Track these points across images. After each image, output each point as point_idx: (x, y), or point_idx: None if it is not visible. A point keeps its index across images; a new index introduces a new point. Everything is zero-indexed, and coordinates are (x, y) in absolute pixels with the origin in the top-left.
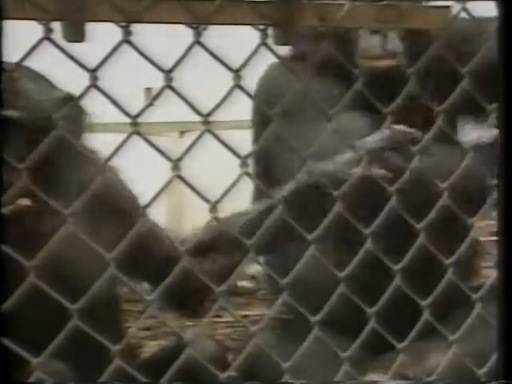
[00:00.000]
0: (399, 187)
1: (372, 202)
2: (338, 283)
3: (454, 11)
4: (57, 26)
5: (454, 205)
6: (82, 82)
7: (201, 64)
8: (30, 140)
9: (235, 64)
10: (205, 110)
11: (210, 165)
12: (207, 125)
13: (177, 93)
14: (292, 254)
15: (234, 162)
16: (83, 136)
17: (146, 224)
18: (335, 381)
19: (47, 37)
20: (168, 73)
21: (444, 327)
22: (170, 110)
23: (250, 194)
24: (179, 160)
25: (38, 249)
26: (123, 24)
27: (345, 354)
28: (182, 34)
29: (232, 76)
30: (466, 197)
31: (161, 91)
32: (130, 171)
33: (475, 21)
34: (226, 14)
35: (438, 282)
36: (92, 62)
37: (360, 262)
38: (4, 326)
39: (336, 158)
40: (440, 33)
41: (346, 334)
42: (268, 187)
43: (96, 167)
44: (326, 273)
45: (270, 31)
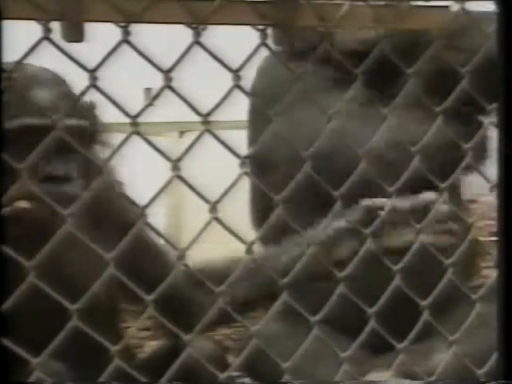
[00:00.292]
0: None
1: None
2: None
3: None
4: (56, 26)
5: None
6: (81, 82)
7: (200, 64)
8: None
9: (235, 64)
10: (204, 110)
11: (209, 165)
12: (207, 125)
13: (176, 93)
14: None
15: (234, 162)
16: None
17: (145, 236)
18: (335, 381)
19: (46, 37)
20: (167, 73)
21: (444, 327)
22: (170, 110)
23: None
24: (179, 160)
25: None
26: (122, 24)
27: (345, 354)
28: (182, 34)
29: (231, 76)
30: None
31: (160, 91)
32: (130, 171)
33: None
34: (225, 14)
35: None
36: (92, 63)
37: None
38: (4, 326)
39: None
40: (439, 32)
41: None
42: (266, 186)
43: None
44: None
45: (270, 31)
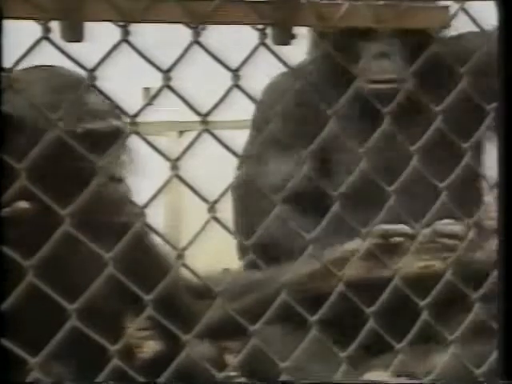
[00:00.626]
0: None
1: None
2: None
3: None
4: (55, 25)
5: None
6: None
7: (200, 64)
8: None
9: (234, 64)
10: (203, 109)
11: (209, 164)
12: (206, 124)
13: (175, 92)
14: None
15: (234, 161)
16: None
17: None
18: (335, 381)
19: (45, 36)
20: (166, 72)
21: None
22: (170, 110)
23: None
24: (177, 160)
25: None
26: (122, 24)
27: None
28: (181, 34)
29: (231, 76)
30: None
31: (159, 91)
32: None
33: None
34: (224, 14)
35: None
36: (91, 62)
37: None
38: (3, 326)
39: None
40: (439, 32)
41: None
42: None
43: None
44: None
45: (269, 31)
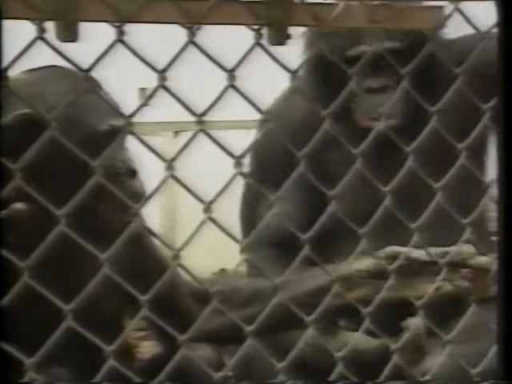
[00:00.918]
0: None
1: None
2: None
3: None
4: (50, 25)
5: None
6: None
7: (196, 64)
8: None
9: (229, 64)
10: (199, 109)
11: (205, 164)
12: (201, 125)
13: (170, 92)
14: None
15: (230, 161)
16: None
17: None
18: (331, 381)
19: (40, 36)
20: (162, 72)
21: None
22: (166, 110)
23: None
24: (173, 160)
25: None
26: (117, 24)
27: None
28: (176, 34)
29: (226, 76)
30: None
31: (154, 91)
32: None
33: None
34: (220, 14)
35: None
36: (87, 63)
37: None
38: (2, 326)
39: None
40: (433, 32)
41: None
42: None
43: None
44: None
45: (265, 31)
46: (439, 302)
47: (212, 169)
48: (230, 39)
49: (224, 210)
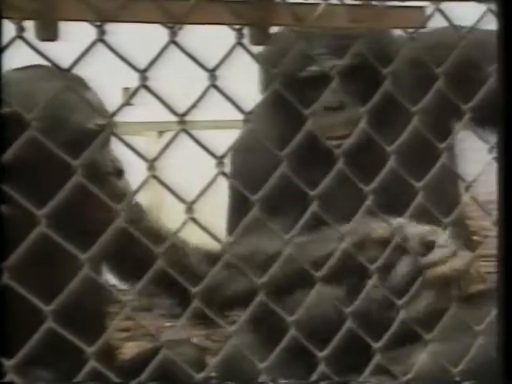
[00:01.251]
0: None
1: None
2: None
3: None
4: (30, 24)
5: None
6: None
7: (179, 63)
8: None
9: (211, 64)
10: (181, 109)
11: (187, 164)
12: (183, 124)
13: (152, 92)
14: None
15: (212, 161)
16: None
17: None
18: (315, 380)
19: (20, 35)
20: (143, 72)
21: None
22: (149, 110)
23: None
24: (155, 160)
25: None
26: (97, 23)
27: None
28: (158, 34)
29: (207, 76)
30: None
31: (136, 91)
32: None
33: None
34: (201, 14)
35: None
36: (68, 63)
37: None
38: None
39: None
40: (413, 33)
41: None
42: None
43: None
44: None
45: (246, 31)
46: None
47: (195, 169)
48: (211, 39)
49: (207, 210)
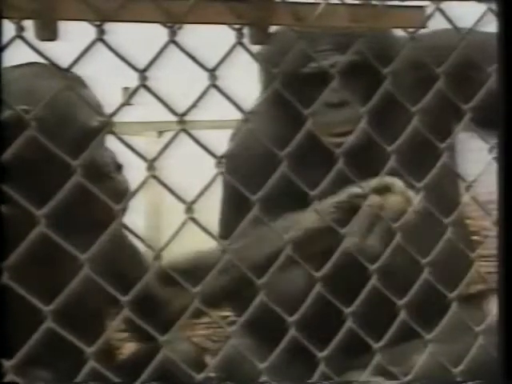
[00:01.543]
0: None
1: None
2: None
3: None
4: (29, 24)
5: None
6: None
7: (179, 63)
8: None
9: (211, 63)
10: (181, 109)
11: (187, 164)
12: (182, 124)
13: (151, 92)
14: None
15: (212, 161)
16: None
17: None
18: (314, 381)
19: (19, 35)
20: (142, 72)
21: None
22: (150, 110)
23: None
24: (154, 160)
25: None
26: (97, 23)
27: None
28: (157, 33)
29: (207, 76)
30: None
31: (135, 91)
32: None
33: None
34: (201, 13)
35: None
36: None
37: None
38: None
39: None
40: (414, 33)
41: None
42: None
43: None
44: None
45: (246, 31)
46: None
47: (195, 169)
48: (211, 39)
49: (206, 210)
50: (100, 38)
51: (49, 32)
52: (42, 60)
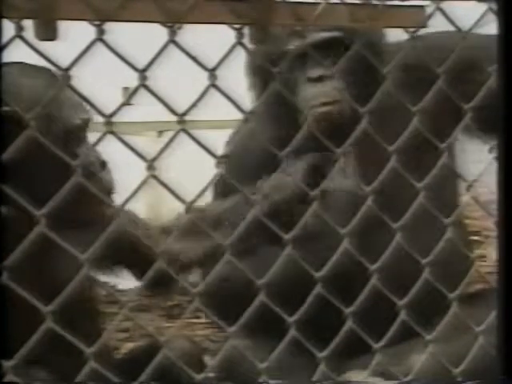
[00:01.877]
0: None
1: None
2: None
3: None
4: (29, 24)
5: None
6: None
7: (177, 63)
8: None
9: (211, 63)
10: (181, 109)
11: (188, 164)
12: (182, 124)
13: (151, 92)
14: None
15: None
16: None
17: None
18: (314, 381)
19: (19, 35)
20: (142, 72)
21: None
22: (150, 110)
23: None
24: (154, 160)
25: None
26: (97, 23)
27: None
28: (157, 33)
29: (207, 75)
30: None
31: (135, 90)
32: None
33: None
34: (201, 13)
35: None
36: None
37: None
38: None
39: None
40: (414, 32)
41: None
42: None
43: None
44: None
45: (246, 30)
46: None
47: (195, 169)
48: (211, 38)
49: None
50: (100, 38)
51: (48, 32)
52: (41, 60)
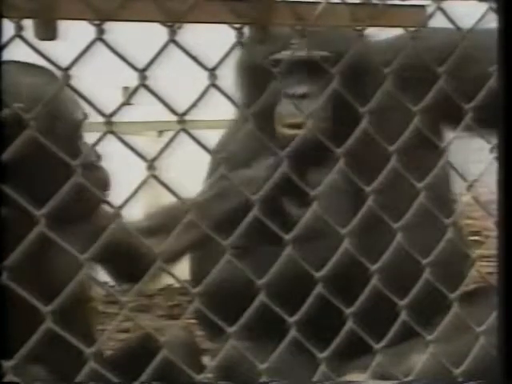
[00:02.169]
0: None
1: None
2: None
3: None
4: (28, 23)
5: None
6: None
7: (177, 63)
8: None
9: (211, 63)
10: (181, 109)
11: (188, 164)
12: (183, 124)
13: (151, 91)
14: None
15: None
16: None
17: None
18: (314, 381)
19: (18, 34)
20: (142, 71)
21: None
22: (150, 109)
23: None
24: (154, 160)
25: None
26: (97, 22)
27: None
28: (157, 33)
29: (207, 75)
30: None
31: (135, 90)
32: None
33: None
34: (201, 13)
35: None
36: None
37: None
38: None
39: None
40: (414, 32)
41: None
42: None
43: None
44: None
45: (246, 30)
46: None
47: (195, 168)
48: (211, 38)
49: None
50: (100, 38)
51: (48, 31)
52: (41, 59)
